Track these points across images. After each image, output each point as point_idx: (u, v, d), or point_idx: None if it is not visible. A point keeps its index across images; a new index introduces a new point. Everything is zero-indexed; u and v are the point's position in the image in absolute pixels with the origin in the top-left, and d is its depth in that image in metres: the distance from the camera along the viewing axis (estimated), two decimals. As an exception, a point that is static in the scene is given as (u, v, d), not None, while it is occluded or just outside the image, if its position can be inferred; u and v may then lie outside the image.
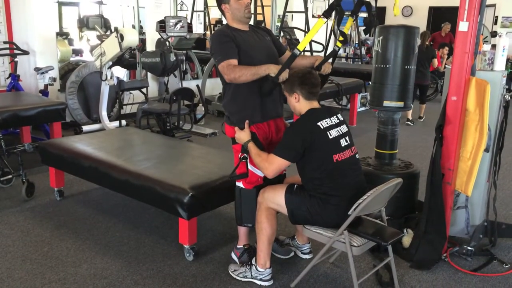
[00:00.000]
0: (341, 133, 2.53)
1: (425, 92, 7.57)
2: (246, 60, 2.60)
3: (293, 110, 2.64)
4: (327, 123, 2.49)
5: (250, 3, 2.69)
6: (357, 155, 2.62)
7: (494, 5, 10.77)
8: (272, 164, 2.49)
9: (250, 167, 2.70)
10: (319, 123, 2.47)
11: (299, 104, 2.57)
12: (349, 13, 2.76)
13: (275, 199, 2.61)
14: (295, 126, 2.55)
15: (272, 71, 2.51)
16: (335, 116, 2.57)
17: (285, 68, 2.52)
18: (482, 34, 2.90)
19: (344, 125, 2.60)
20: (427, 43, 7.43)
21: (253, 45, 2.68)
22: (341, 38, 2.78)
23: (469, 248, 3.07)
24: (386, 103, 3.41)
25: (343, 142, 2.52)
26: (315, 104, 2.58)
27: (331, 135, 2.48)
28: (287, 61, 2.57)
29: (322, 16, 2.62)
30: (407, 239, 3.11)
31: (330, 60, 2.78)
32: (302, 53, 2.71)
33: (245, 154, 2.64)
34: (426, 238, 3.00)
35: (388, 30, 3.35)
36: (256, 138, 2.65)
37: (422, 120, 7.55)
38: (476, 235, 3.14)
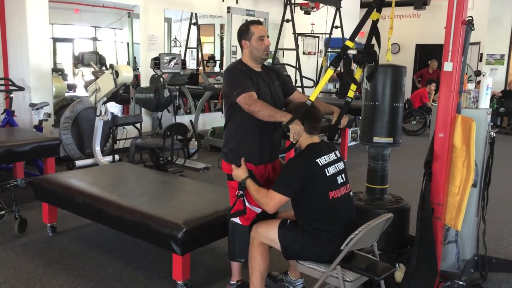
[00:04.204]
0: (338, 170, 2.58)
1: None
2: None
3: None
4: (326, 160, 2.53)
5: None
6: (351, 192, 2.67)
7: (478, 43, 11.09)
8: (272, 200, 2.51)
9: (247, 204, 2.73)
10: (318, 160, 2.51)
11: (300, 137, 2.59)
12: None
13: (268, 234, 2.63)
14: (295, 162, 2.58)
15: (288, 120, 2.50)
16: (333, 153, 2.61)
17: (295, 118, 2.49)
18: (466, 74, 3.01)
19: (341, 162, 2.64)
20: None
21: (262, 88, 2.73)
22: (354, 87, 2.84)
23: (461, 282, 3.08)
24: (376, 139, 3.48)
25: (339, 179, 2.57)
26: (315, 139, 2.61)
27: (328, 172, 2.52)
28: (299, 111, 2.56)
29: (331, 66, 2.71)
30: (399, 274, 3.11)
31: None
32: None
33: (242, 191, 2.68)
34: (418, 273, 3.01)
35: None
36: (253, 175, 2.68)
37: None
38: (467, 269, 3.17)
